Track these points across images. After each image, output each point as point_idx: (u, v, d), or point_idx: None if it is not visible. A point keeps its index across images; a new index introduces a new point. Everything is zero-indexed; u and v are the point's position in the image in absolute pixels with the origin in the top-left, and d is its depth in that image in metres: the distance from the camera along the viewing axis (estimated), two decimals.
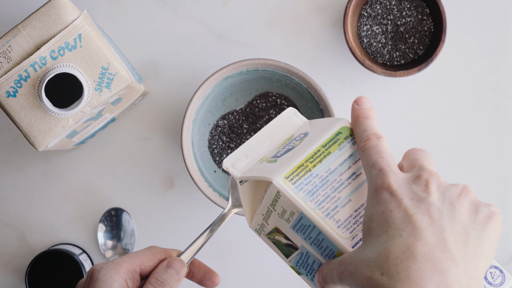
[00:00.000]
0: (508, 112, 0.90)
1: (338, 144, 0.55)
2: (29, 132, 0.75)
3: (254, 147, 0.59)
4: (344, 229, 0.53)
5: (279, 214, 0.55)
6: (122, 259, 0.59)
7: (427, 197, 0.49)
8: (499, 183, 0.90)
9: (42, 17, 0.74)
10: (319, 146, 0.55)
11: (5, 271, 0.90)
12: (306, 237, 0.54)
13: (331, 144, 0.55)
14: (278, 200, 0.54)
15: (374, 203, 0.50)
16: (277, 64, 0.83)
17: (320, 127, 0.57)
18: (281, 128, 0.60)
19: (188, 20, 0.90)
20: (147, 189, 0.90)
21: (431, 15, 0.87)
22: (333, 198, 0.54)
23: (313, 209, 0.53)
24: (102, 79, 0.75)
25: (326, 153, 0.55)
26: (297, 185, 0.53)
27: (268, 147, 0.59)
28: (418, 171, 0.51)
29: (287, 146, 0.57)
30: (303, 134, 0.58)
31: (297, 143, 0.57)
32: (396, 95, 0.90)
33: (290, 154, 0.55)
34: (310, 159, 0.54)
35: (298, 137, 0.58)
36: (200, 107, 0.85)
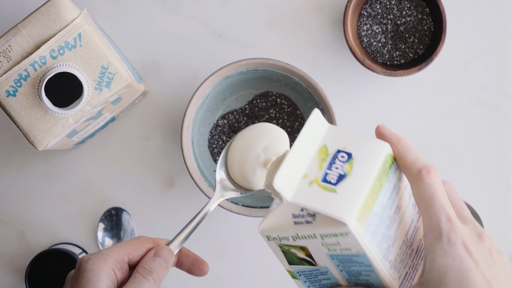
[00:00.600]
0: (508, 112, 0.90)
1: (386, 174, 0.53)
2: (29, 132, 0.75)
3: (295, 160, 0.54)
4: (394, 270, 0.52)
5: (326, 244, 0.52)
6: (110, 249, 0.59)
7: (493, 264, 0.52)
8: (499, 183, 0.90)
9: (42, 17, 0.74)
10: (375, 179, 0.52)
11: (5, 270, 0.90)
12: (342, 266, 0.53)
13: (382, 175, 0.53)
14: (339, 237, 0.51)
15: (447, 255, 0.51)
16: (277, 63, 0.83)
17: (363, 150, 0.54)
18: (310, 135, 0.56)
19: (188, 19, 0.90)
20: (147, 189, 0.90)
21: (431, 14, 0.87)
22: (386, 237, 0.52)
23: (375, 252, 0.51)
24: (102, 79, 0.75)
25: (379, 186, 0.52)
26: (365, 227, 0.51)
27: (304, 158, 0.55)
28: (474, 228, 0.53)
29: (334, 167, 0.53)
30: (345, 153, 0.54)
31: (346, 167, 0.53)
32: (396, 94, 0.90)
33: (348, 184, 0.52)
34: (370, 194, 0.52)
35: (340, 156, 0.54)
36: (200, 107, 0.85)
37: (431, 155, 0.90)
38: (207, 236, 0.90)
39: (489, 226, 0.90)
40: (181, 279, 0.91)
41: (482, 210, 0.90)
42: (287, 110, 0.88)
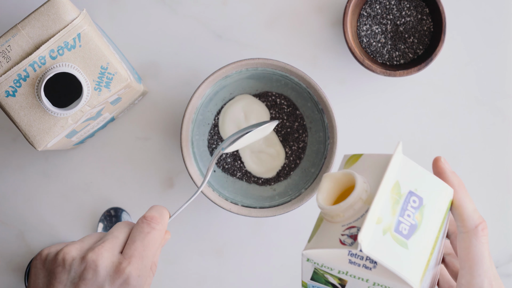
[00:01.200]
0: (508, 112, 0.90)
1: (443, 223, 0.52)
2: (28, 132, 0.75)
3: (376, 215, 0.52)
4: None
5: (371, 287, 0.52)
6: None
7: None
8: (499, 183, 0.90)
9: (42, 17, 0.74)
10: (438, 232, 0.52)
11: (4, 270, 0.90)
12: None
13: (442, 226, 0.52)
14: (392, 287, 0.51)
15: None
16: (277, 63, 0.83)
17: (429, 192, 0.53)
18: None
19: (188, 20, 0.90)
20: (147, 189, 0.90)
21: (431, 14, 0.87)
22: (426, 283, 0.52)
23: None
24: (101, 79, 0.75)
25: (438, 238, 0.52)
26: (422, 285, 0.51)
27: (379, 197, 0.52)
28: None
29: (407, 217, 0.52)
30: (417, 198, 0.53)
31: (417, 216, 0.52)
32: (395, 94, 0.90)
33: (418, 238, 0.51)
34: (432, 250, 0.51)
35: (412, 201, 0.53)
36: (199, 107, 0.85)
37: (431, 155, 0.90)
38: (207, 235, 0.90)
39: (489, 226, 0.90)
40: (181, 279, 0.91)
41: (482, 210, 0.89)
42: (287, 110, 0.88)
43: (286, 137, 0.88)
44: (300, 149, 0.88)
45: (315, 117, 0.86)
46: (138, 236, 0.59)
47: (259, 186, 0.88)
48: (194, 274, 0.91)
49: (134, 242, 0.58)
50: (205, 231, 0.90)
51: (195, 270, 0.90)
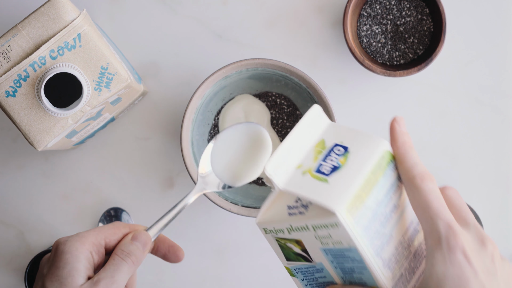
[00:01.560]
0: (508, 112, 0.90)
1: (382, 170, 0.53)
2: (28, 132, 0.75)
3: (289, 150, 0.55)
4: (387, 269, 0.52)
5: (318, 236, 0.52)
6: (87, 232, 0.59)
7: (495, 273, 0.51)
8: (499, 183, 0.90)
9: (42, 17, 0.74)
10: (369, 173, 0.52)
11: (4, 270, 0.90)
12: (336, 262, 0.53)
13: (377, 170, 0.52)
14: (330, 229, 0.51)
15: (447, 262, 0.50)
16: (277, 64, 0.83)
17: (360, 145, 0.54)
18: (308, 129, 0.56)
19: (188, 20, 0.90)
20: (147, 189, 0.90)
21: (431, 15, 0.87)
22: (381, 234, 0.52)
23: (367, 247, 0.51)
24: (101, 79, 0.75)
25: (374, 180, 0.52)
26: (356, 219, 0.50)
27: (301, 150, 0.55)
28: (478, 234, 0.53)
29: (329, 160, 0.54)
30: (342, 147, 0.54)
31: (341, 160, 0.53)
32: (395, 95, 0.90)
33: (341, 175, 0.52)
34: (363, 187, 0.51)
35: (336, 149, 0.54)
36: (199, 107, 0.85)
37: (430, 155, 0.90)
38: (207, 236, 0.90)
39: (489, 226, 0.90)
40: (181, 279, 0.91)
41: (482, 210, 0.90)
42: (287, 110, 0.88)
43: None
44: None
45: None
46: (135, 251, 0.60)
47: (259, 186, 0.88)
48: (194, 274, 0.91)
49: (105, 270, 0.59)
50: (205, 231, 0.90)
51: (195, 270, 0.90)
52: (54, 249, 0.58)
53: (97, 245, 0.59)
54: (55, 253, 0.58)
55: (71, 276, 0.56)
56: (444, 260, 0.50)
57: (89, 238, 0.59)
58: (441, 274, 0.50)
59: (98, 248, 0.59)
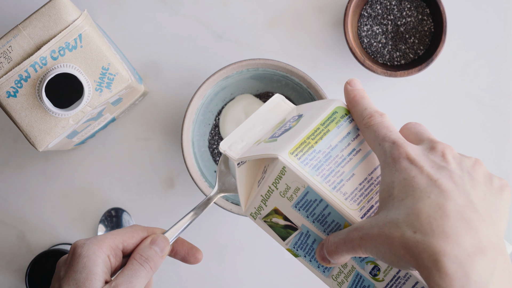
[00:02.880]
0: (508, 112, 0.90)
1: (336, 122, 0.56)
2: (29, 132, 0.75)
3: (248, 131, 0.59)
4: (351, 201, 0.54)
5: (281, 192, 0.55)
6: (105, 236, 0.59)
7: (446, 166, 0.51)
8: None
9: (43, 17, 0.74)
10: (318, 124, 0.55)
11: (5, 271, 0.90)
12: (309, 214, 0.55)
13: (329, 123, 0.55)
14: (283, 177, 0.54)
15: (393, 172, 0.51)
16: (277, 64, 0.83)
17: (314, 109, 0.58)
18: (271, 113, 0.60)
19: (188, 20, 0.90)
20: (147, 189, 0.90)
21: (431, 15, 0.87)
22: (338, 173, 0.54)
23: (320, 183, 0.53)
24: (102, 79, 0.75)
25: (326, 130, 0.55)
26: (302, 160, 0.53)
27: (262, 131, 0.59)
28: (430, 143, 0.53)
29: (283, 127, 0.57)
30: (297, 116, 0.58)
31: (293, 123, 0.57)
32: (396, 95, 0.90)
33: (290, 133, 0.56)
34: (311, 136, 0.54)
35: (292, 119, 0.58)
36: (200, 107, 0.85)
37: None
38: (207, 236, 0.90)
39: None
40: (182, 279, 0.91)
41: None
42: None
43: None
44: None
45: None
46: (153, 256, 0.60)
47: None
48: (195, 275, 0.91)
49: (123, 275, 0.59)
50: (206, 232, 0.90)
51: (195, 271, 0.91)
52: (72, 251, 0.58)
53: (115, 249, 0.59)
54: (73, 256, 0.58)
55: (89, 280, 0.56)
56: (391, 171, 0.51)
57: (106, 242, 0.59)
58: (390, 183, 0.51)
59: (115, 252, 0.59)
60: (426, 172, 0.50)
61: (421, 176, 0.50)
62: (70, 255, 0.58)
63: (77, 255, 0.58)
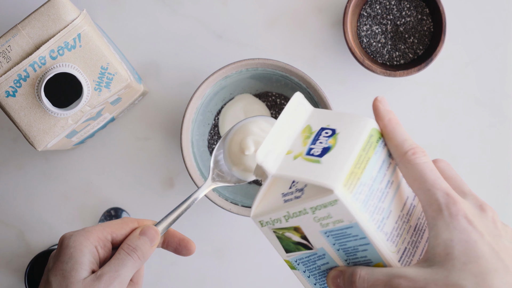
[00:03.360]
0: (508, 112, 0.90)
1: (373, 148, 0.53)
2: (28, 132, 0.75)
3: (277, 138, 0.55)
4: (390, 242, 0.52)
5: (317, 218, 0.52)
6: (93, 227, 0.59)
7: (499, 235, 0.51)
8: (499, 183, 0.90)
9: (42, 17, 0.74)
10: (361, 151, 0.52)
11: (4, 270, 0.90)
12: (338, 243, 0.53)
13: (368, 148, 0.53)
14: (329, 207, 0.51)
15: (451, 229, 0.50)
16: (277, 64, 0.83)
17: (345, 124, 0.54)
18: (293, 117, 0.57)
19: (188, 20, 0.90)
20: (147, 189, 0.90)
21: (431, 15, 0.87)
22: (380, 209, 0.52)
23: (368, 221, 0.51)
24: (101, 79, 0.75)
25: (367, 158, 0.52)
26: (354, 195, 0.50)
27: (289, 138, 0.56)
28: (475, 201, 0.53)
29: (318, 143, 0.54)
30: (330, 130, 0.55)
31: (330, 141, 0.53)
32: (395, 95, 0.90)
33: (333, 155, 0.52)
34: (357, 164, 0.51)
35: (324, 133, 0.55)
36: (199, 107, 0.85)
37: (430, 155, 0.90)
38: (207, 236, 0.90)
39: None
40: (182, 279, 0.91)
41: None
42: None
43: None
44: None
45: None
46: (142, 246, 0.60)
47: (259, 186, 0.88)
48: (194, 275, 0.91)
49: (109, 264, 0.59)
50: (205, 232, 0.90)
51: (195, 270, 0.91)
52: (60, 243, 0.59)
53: (103, 240, 0.59)
54: (60, 247, 0.58)
55: (75, 270, 0.57)
56: (448, 227, 0.50)
57: (94, 233, 0.59)
58: (448, 241, 0.50)
59: (104, 243, 0.59)
60: (487, 239, 0.50)
61: (483, 243, 0.49)
62: (58, 246, 0.59)
63: (64, 246, 0.58)
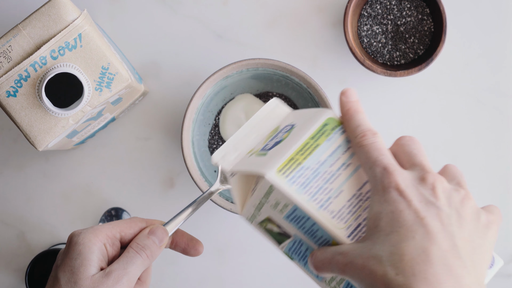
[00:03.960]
0: (508, 112, 0.90)
1: (326, 135, 0.55)
2: (29, 132, 0.75)
3: (242, 140, 0.59)
4: (338, 220, 0.53)
5: (272, 205, 0.55)
6: (102, 225, 0.60)
7: (435, 201, 0.50)
8: (499, 183, 0.90)
9: (42, 17, 0.74)
10: (308, 138, 0.54)
11: (5, 270, 0.90)
12: (299, 227, 0.55)
13: (319, 136, 0.55)
14: (271, 193, 0.54)
15: (382, 201, 0.50)
16: (277, 64, 0.83)
17: (306, 118, 0.57)
18: (266, 119, 0.60)
19: (188, 20, 0.90)
20: (147, 189, 0.90)
21: (431, 15, 0.87)
22: (326, 190, 0.53)
23: (307, 202, 0.53)
24: (102, 79, 0.75)
25: (315, 145, 0.54)
26: (289, 178, 0.53)
27: (256, 139, 0.59)
28: (421, 171, 0.52)
29: (275, 139, 0.57)
30: (290, 125, 0.57)
31: (285, 135, 0.56)
32: (396, 95, 0.90)
33: (280, 147, 0.55)
34: (300, 151, 0.54)
35: (284, 129, 0.58)
36: (200, 107, 0.85)
37: (430, 155, 0.90)
38: (207, 236, 0.90)
39: None
40: (182, 279, 0.91)
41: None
42: None
43: None
44: None
45: None
46: (151, 246, 0.60)
47: None
48: (195, 274, 0.91)
49: (117, 262, 0.59)
50: (205, 231, 0.90)
51: (195, 270, 0.91)
52: (69, 240, 0.59)
53: (112, 238, 0.59)
54: (69, 244, 0.58)
55: (83, 266, 0.57)
56: (379, 201, 0.50)
57: (103, 231, 0.59)
58: (377, 214, 0.50)
59: (112, 241, 0.59)
60: (414, 207, 0.49)
61: (409, 211, 0.49)
62: (67, 244, 0.59)
63: (73, 243, 0.58)
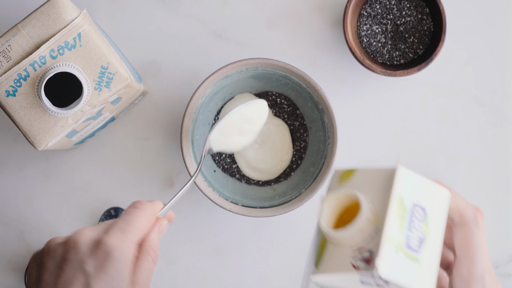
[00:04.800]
0: (508, 112, 0.90)
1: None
2: (28, 132, 0.75)
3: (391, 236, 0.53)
4: None
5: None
6: (132, 232, 0.59)
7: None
8: (499, 183, 0.90)
9: (42, 16, 0.74)
10: (442, 238, 0.54)
11: (4, 270, 0.90)
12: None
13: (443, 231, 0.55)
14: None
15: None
16: (277, 63, 0.83)
17: (431, 199, 0.54)
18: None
19: (188, 19, 0.90)
20: (147, 189, 0.90)
21: (431, 14, 0.87)
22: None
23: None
24: (101, 79, 0.75)
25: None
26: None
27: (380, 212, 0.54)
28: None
29: (414, 230, 0.53)
30: (421, 209, 0.54)
31: (423, 227, 0.53)
32: (395, 94, 0.90)
33: (427, 250, 0.53)
34: (439, 256, 0.54)
35: (416, 213, 0.54)
36: (199, 107, 0.85)
37: (430, 155, 0.90)
38: (207, 235, 0.90)
39: (489, 226, 0.90)
40: (182, 279, 0.91)
41: (482, 210, 0.89)
42: (287, 109, 0.88)
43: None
44: (302, 148, 0.88)
45: (315, 116, 0.86)
46: (121, 215, 0.60)
47: (259, 186, 0.88)
48: (194, 274, 0.91)
49: (115, 220, 0.59)
50: (205, 231, 0.90)
51: (195, 270, 0.90)
52: (96, 245, 0.57)
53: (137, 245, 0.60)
54: (101, 251, 0.57)
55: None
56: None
57: (133, 240, 0.59)
58: None
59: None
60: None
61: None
62: (100, 251, 0.57)
63: (107, 254, 0.57)
